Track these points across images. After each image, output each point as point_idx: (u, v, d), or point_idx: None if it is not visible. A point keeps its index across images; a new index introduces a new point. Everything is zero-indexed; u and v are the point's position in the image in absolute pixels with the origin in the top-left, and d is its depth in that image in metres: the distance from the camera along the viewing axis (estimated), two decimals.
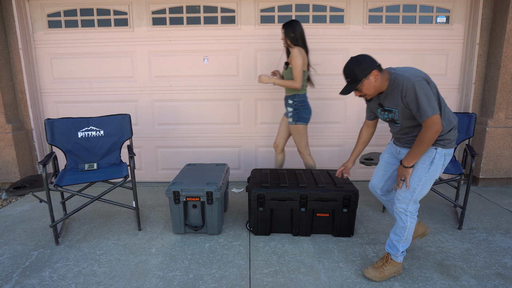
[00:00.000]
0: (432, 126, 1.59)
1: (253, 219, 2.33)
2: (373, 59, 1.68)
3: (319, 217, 2.32)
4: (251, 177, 2.53)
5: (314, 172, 2.64)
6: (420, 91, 1.57)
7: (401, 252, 1.84)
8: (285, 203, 2.29)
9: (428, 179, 1.72)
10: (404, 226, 1.78)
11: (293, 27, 2.55)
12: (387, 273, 1.85)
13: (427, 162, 1.71)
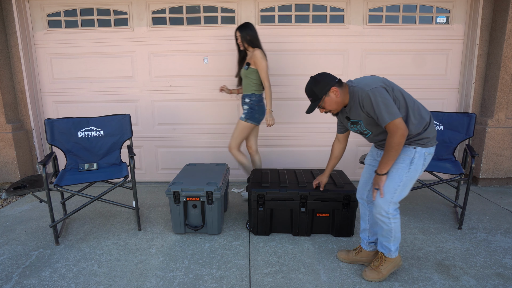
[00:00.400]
0: (396, 131, 1.58)
1: (253, 219, 2.33)
2: (332, 76, 1.72)
3: (319, 217, 2.32)
4: (251, 177, 2.53)
5: (314, 172, 2.64)
6: (375, 98, 1.59)
7: (393, 250, 1.83)
8: (285, 203, 2.29)
9: (408, 180, 1.69)
10: (389, 229, 1.76)
11: (248, 29, 2.64)
12: (385, 272, 1.85)
13: (406, 161, 1.69)
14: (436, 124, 2.81)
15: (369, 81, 1.65)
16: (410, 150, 1.68)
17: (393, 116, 1.57)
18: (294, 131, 3.44)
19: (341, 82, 1.73)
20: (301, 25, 3.23)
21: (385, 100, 1.58)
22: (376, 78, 1.67)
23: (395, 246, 1.82)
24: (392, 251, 1.83)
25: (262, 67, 2.64)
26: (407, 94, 1.67)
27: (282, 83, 3.33)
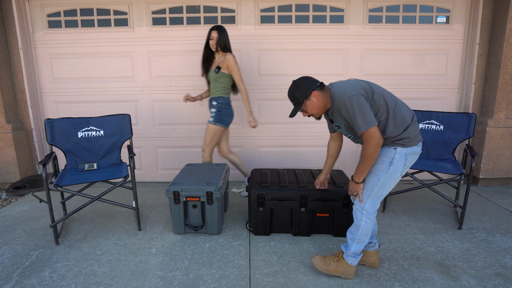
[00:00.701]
0: (370, 140, 1.58)
1: (253, 219, 2.33)
2: (313, 80, 1.71)
3: (319, 217, 2.32)
4: (251, 177, 2.53)
5: (314, 172, 2.64)
6: (351, 106, 1.59)
7: (352, 251, 1.80)
8: (285, 203, 2.29)
9: (387, 180, 1.69)
10: (358, 225, 1.77)
11: (225, 34, 2.67)
12: (332, 268, 1.83)
13: (386, 162, 1.68)
14: (436, 124, 2.81)
15: (348, 87, 1.64)
16: (390, 151, 1.67)
17: (368, 124, 1.57)
18: (294, 131, 3.44)
19: (323, 85, 1.73)
20: (301, 25, 3.23)
21: (361, 109, 1.57)
22: (356, 84, 1.66)
23: (355, 249, 1.79)
24: (350, 252, 1.80)
25: (236, 71, 2.68)
26: (389, 96, 1.66)
27: (282, 83, 3.33)
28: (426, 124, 2.84)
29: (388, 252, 2.14)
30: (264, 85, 3.34)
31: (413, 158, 1.70)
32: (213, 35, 2.65)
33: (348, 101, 1.60)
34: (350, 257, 1.82)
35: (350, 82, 1.69)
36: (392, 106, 1.64)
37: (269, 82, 3.33)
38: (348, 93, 1.61)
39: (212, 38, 2.66)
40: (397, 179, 1.72)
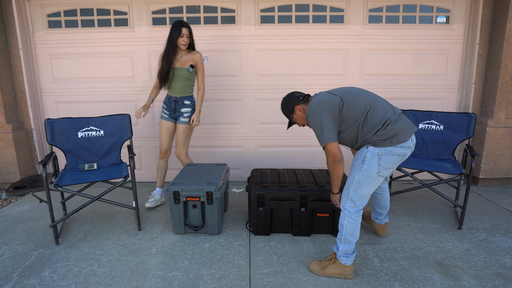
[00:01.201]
0: (328, 155, 1.74)
1: (253, 219, 2.33)
2: (296, 96, 1.90)
3: (319, 217, 2.32)
4: (251, 177, 2.53)
5: (314, 172, 2.64)
6: (314, 123, 1.75)
7: (341, 251, 1.83)
8: (285, 203, 2.29)
9: (362, 178, 1.74)
10: (342, 224, 1.82)
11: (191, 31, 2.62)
12: (329, 271, 1.86)
13: (359, 160, 1.76)
14: (436, 124, 2.81)
15: (316, 104, 1.76)
16: (363, 149, 1.75)
17: (325, 141, 1.71)
18: (294, 131, 3.44)
19: (307, 98, 1.91)
20: (301, 25, 3.23)
21: (321, 126, 1.72)
22: (325, 100, 1.75)
23: (343, 248, 1.82)
24: (339, 251, 1.83)
25: (203, 70, 2.69)
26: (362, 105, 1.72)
27: (282, 83, 3.33)
28: (426, 124, 2.84)
29: (388, 252, 2.14)
30: (264, 85, 3.34)
31: (390, 158, 1.71)
32: (184, 32, 2.52)
33: (312, 119, 1.76)
34: (342, 257, 1.84)
35: (322, 98, 1.78)
36: (361, 116, 1.72)
37: (269, 82, 3.33)
38: (313, 111, 1.75)
39: (183, 36, 2.52)
40: (374, 179, 1.74)
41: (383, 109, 1.73)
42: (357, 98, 1.75)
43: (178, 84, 2.66)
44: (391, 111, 1.75)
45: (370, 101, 1.75)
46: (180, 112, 2.71)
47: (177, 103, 2.70)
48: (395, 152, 1.70)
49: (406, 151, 1.72)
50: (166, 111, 2.75)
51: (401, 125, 1.72)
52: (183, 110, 2.70)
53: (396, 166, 1.77)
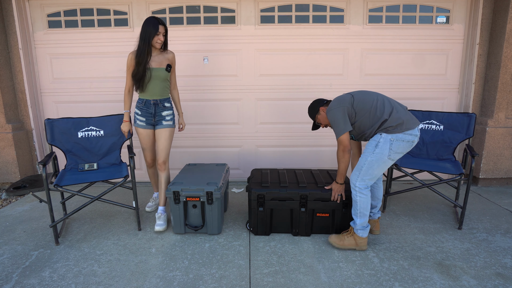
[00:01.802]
0: (339, 145, 2.06)
1: (253, 219, 2.33)
2: (321, 100, 2.24)
3: (319, 217, 2.32)
4: (251, 177, 2.53)
5: (314, 172, 2.64)
6: (331, 118, 2.06)
7: (358, 224, 2.11)
8: (285, 203, 2.29)
9: (374, 160, 2.00)
10: (355, 201, 2.09)
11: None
12: (347, 243, 2.15)
13: (372, 145, 2.01)
14: (436, 124, 2.81)
15: (334, 103, 2.08)
16: (377, 136, 2.01)
17: (338, 133, 2.03)
18: (294, 131, 3.44)
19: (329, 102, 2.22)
20: (301, 25, 3.23)
21: (337, 120, 2.03)
22: (340, 98, 2.08)
23: (360, 221, 2.11)
24: (357, 225, 2.12)
25: (175, 70, 2.55)
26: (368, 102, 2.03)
27: (282, 83, 3.33)
28: (426, 124, 2.84)
29: (388, 252, 2.14)
30: (264, 85, 3.34)
31: (400, 144, 1.97)
32: (161, 30, 2.31)
33: (330, 114, 2.07)
34: (359, 230, 2.12)
35: (338, 98, 2.10)
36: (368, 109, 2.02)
37: (269, 82, 3.33)
38: (331, 108, 2.07)
39: (159, 34, 2.31)
40: (385, 161, 2.00)
41: (389, 103, 2.03)
42: (365, 94, 2.07)
43: (157, 86, 2.42)
44: (397, 105, 2.04)
45: (377, 96, 2.06)
46: (161, 116, 2.48)
47: (157, 106, 2.46)
48: (405, 138, 1.97)
49: (413, 138, 1.99)
50: (141, 117, 2.47)
51: (406, 116, 2.00)
52: (165, 113, 2.48)
53: (405, 151, 2.03)
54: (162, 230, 2.42)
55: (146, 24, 2.29)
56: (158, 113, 2.48)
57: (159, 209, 2.53)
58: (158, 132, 2.49)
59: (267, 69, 3.31)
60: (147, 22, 2.30)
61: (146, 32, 2.30)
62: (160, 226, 2.42)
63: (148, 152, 2.60)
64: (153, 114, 2.48)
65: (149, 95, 2.43)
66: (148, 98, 2.44)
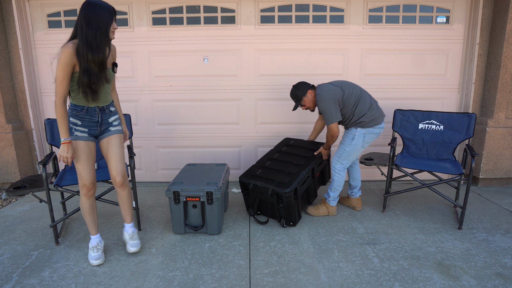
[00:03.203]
0: (329, 131, 2.42)
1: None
2: (307, 83, 2.49)
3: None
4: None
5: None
6: (323, 107, 2.37)
7: (331, 197, 2.61)
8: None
9: (351, 149, 2.47)
10: (333, 179, 2.59)
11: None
12: (321, 211, 2.65)
13: (349, 138, 2.47)
14: (436, 124, 2.81)
15: (326, 93, 2.36)
16: (352, 130, 2.45)
17: (332, 120, 2.37)
18: (293, 131, 3.44)
19: (314, 87, 2.50)
20: (301, 25, 3.23)
21: (331, 109, 2.35)
22: (331, 89, 2.36)
23: (333, 195, 2.60)
24: (330, 197, 2.62)
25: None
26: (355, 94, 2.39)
27: (282, 83, 3.33)
28: (426, 124, 2.84)
29: (388, 252, 2.14)
30: (264, 85, 3.34)
31: (371, 136, 2.45)
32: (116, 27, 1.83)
33: (323, 103, 2.36)
34: (331, 200, 2.63)
35: (329, 88, 2.37)
36: (355, 102, 2.40)
37: (269, 82, 3.33)
38: (324, 97, 2.35)
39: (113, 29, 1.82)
40: (359, 150, 2.48)
41: (368, 99, 2.43)
42: (352, 89, 2.40)
43: (104, 90, 1.92)
44: (373, 101, 2.46)
45: (359, 91, 2.42)
46: (109, 123, 2.00)
47: (104, 112, 1.97)
48: (374, 131, 2.45)
49: (381, 130, 2.48)
50: (83, 128, 1.91)
51: (378, 112, 2.45)
52: (112, 118, 2.02)
53: (373, 140, 2.55)
54: (138, 249, 2.12)
55: (98, 8, 1.72)
56: (105, 121, 1.98)
57: (128, 228, 2.12)
58: (107, 140, 1.99)
59: (267, 69, 3.31)
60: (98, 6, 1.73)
61: (101, 19, 1.73)
62: (136, 246, 2.09)
63: (87, 172, 1.93)
64: (99, 123, 1.96)
65: (95, 102, 1.91)
66: (91, 105, 1.90)
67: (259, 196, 2.49)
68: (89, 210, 2.02)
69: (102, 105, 1.95)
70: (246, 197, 2.62)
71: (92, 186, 1.96)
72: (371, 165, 2.81)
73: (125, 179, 2.02)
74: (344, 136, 2.49)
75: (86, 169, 1.93)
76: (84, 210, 2.02)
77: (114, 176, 1.97)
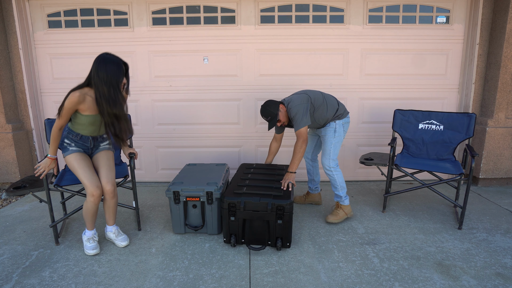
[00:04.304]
0: (299, 137, 2.34)
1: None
2: (275, 100, 2.45)
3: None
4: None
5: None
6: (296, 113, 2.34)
7: (343, 196, 2.53)
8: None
9: (337, 141, 2.47)
10: (334, 179, 2.50)
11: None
12: (341, 215, 2.55)
13: (331, 131, 2.47)
14: (436, 124, 2.81)
15: (296, 101, 2.36)
16: (332, 124, 2.47)
17: (300, 126, 2.33)
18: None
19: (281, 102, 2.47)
20: (301, 25, 3.23)
21: (301, 115, 2.33)
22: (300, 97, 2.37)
23: (343, 193, 2.53)
24: (343, 198, 2.54)
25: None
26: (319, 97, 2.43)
27: (282, 83, 3.33)
28: (426, 124, 2.84)
29: (388, 252, 2.14)
30: (264, 85, 3.34)
31: (346, 125, 2.53)
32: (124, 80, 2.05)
33: (294, 110, 2.35)
34: (345, 199, 2.56)
35: (296, 97, 2.39)
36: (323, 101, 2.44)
37: (269, 82, 3.33)
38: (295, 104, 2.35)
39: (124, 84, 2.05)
40: (342, 141, 2.52)
41: (330, 96, 2.52)
42: (313, 93, 2.46)
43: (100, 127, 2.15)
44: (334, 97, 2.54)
45: (320, 93, 2.49)
46: (99, 146, 2.23)
47: (97, 140, 2.20)
48: (348, 120, 2.54)
49: (349, 119, 2.57)
50: (77, 147, 2.13)
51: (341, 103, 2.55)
52: (103, 143, 2.25)
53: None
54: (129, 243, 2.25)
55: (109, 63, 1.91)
56: (96, 145, 2.21)
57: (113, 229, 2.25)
58: (96, 156, 2.17)
59: (267, 69, 3.31)
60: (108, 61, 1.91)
61: (113, 74, 1.91)
62: (126, 240, 2.23)
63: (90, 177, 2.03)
64: (90, 148, 2.19)
65: (89, 134, 2.12)
66: (86, 134, 2.11)
67: (250, 216, 2.14)
68: (93, 212, 2.12)
69: (95, 135, 2.16)
70: (230, 221, 2.17)
71: (99, 192, 2.05)
72: (371, 165, 2.81)
73: (115, 188, 2.13)
74: (325, 135, 2.49)
75: (88, 175, 2.04)
76: (88, 212, 2.11)
77: (104, 184, 2.08)
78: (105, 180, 2.09)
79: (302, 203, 2.95)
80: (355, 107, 3.39)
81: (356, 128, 3.45)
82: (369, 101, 3.39)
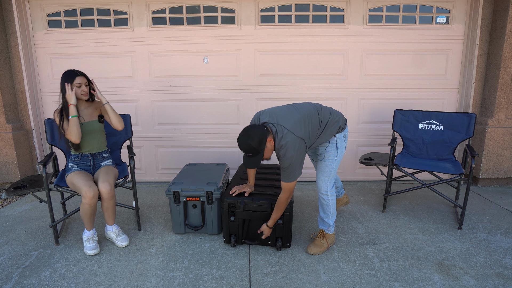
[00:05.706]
0: (286, 192, 1.92)
1: None
2: (261, 127, 1.79)
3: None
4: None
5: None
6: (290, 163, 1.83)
7: (331, 225, 2.18)
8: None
9: (338, 161, 2.09)
10: (328, 205, 2.12)
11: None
12: (325, 245, 2.17)
13: (333, 148, 2.05)
14: (436, 124, 2.81)
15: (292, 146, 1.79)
16: (333, 139, 2.05)
17: (292, 179, 1.87)
18: None
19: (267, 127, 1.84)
20: (301, 25, 3.23)
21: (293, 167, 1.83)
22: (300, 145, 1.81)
23: (332, 222, 2.17)
24: (331, 226, 2.18)
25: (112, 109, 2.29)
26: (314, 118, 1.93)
27: (282, 83, 3.33)
28: (426, 124, 2.84)
29: (388, 252, 2.14)
30: (264, 85, 3.34)
31: (346, 136, 2.14)
32: (79, 80, 2.13)
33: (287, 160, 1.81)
34: (332, 228, 2.19)
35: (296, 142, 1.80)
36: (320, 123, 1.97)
37: (269, 82, 3.34)
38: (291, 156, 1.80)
39: (80, 85, 2.13)
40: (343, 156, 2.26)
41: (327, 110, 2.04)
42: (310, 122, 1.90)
43: (93, 139, 2.26)
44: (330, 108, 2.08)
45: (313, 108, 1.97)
46: (100, 165, 2.31)
47: (96, 157, 2.30)
48: (347, 131, 2.15)
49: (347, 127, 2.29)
50: (79, 168, 2.26)
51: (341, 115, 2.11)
52: (104, 162, 2.32)
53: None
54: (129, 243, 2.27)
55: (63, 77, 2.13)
56: (97, 164, 2.31)
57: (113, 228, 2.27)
58: (98, 171, 2.26)
59: (267, 69, 3.31)
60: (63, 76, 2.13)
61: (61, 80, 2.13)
62: (126, 240, 2.25)
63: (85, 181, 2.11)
64: (92, 167, 2.29)
65: (87, 150, 2.26)
66: (85, 152, 2.26)
67: (250, 216, 2.16)
68: (89, 214, 2.14)
69: (94, 152, 2.28)
70: (229, 221, 2.19)
71: (92, 193, 2.07)
72: (371, 165, 2.81)
73: (112, 188, 2.14)
74: (325, 152, 2.06)
75: (83, 180, 2.11)
76: (85, 214, 2.13)
77: (100, 184, 2.12)
78: (102, 180, 2.14)
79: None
80: (355, 107, 3.39)
81: (356, 128, 3.45)
82: (369, 101, 3.39)
